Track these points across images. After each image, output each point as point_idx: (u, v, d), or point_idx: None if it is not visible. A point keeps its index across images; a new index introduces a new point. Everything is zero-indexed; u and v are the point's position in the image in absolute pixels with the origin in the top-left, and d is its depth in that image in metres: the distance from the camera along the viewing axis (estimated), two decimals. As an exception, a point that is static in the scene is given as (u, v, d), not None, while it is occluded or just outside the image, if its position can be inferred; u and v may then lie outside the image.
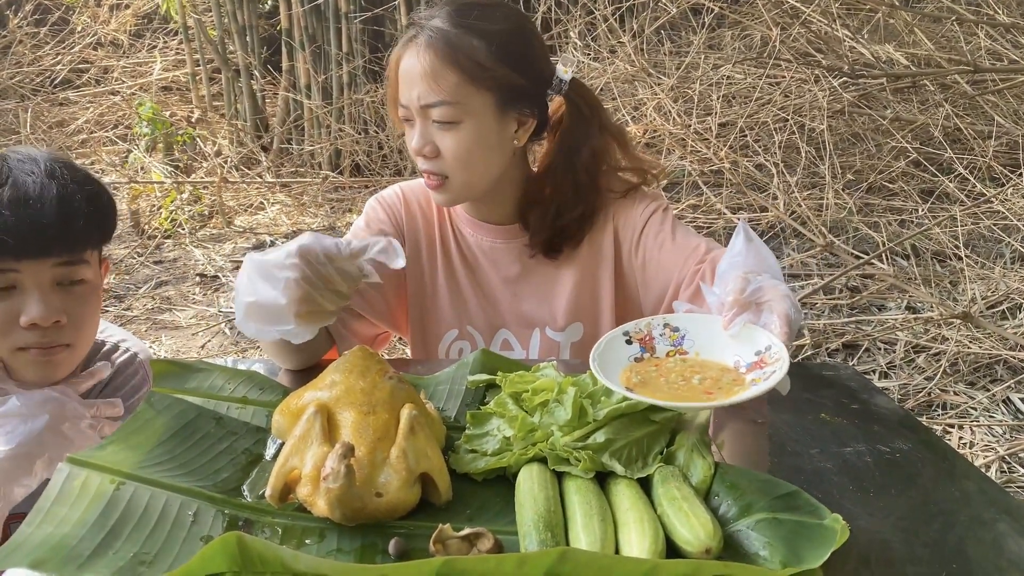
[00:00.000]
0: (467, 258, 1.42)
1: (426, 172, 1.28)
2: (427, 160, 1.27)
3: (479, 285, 1.42)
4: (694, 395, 0.87)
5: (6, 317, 1.10)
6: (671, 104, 3.98)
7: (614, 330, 0.91)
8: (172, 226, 4.17)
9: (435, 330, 1.43)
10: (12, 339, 1.11)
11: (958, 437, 2.42)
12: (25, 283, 1.10)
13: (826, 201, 3.60)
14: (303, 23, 4.71)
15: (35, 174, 1.10)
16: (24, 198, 1.08)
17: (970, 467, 1.00)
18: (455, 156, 1.25)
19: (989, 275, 3.20)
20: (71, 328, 1.14)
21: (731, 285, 0.95)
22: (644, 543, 0.72)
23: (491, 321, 1.42)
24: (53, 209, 1.09)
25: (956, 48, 4.23)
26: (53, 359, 1.14)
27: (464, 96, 1.23)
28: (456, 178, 1.28)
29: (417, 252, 1.42)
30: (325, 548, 0.77)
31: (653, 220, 1.36)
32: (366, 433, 0.83)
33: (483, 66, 1.23)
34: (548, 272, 1.41)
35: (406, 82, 1.24)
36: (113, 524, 0.74)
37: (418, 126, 1.25)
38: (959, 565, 0.78)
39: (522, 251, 1.40)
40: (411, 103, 1.24)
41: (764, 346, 0.88)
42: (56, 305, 1.11)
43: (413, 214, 1.43)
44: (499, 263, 1.41)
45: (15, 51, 5.66)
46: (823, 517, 0.76)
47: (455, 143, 1.24)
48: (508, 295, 1.41)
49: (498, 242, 1.40)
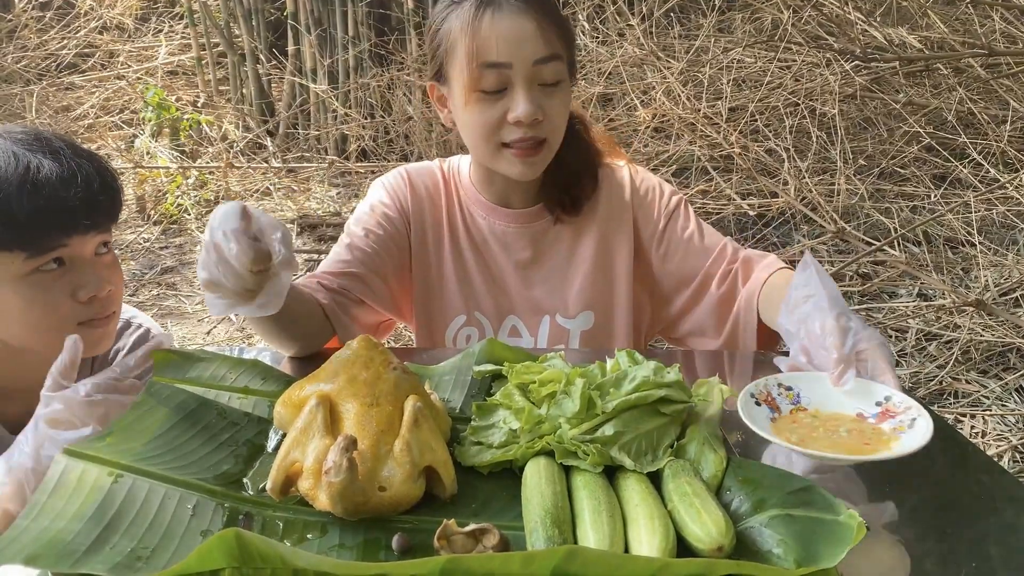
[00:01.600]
0: (476, 242, 1.40)
1: (526, 140, 1.23)
2: (534, 126, 1.23)
3: (488, 270, 1.41)
4: (856, 447, 0.86)
5: (63, 295, 1.10)
6: (680, 88, 3.94)
7: (742, 394, 0.91)
8: (178, 211, 4.16)
9: (441, 316, 1.41)
10: (73, 316, 1.11)
11: (970, 426, 2.39)
12: (72, 258, 1.11)
13: (837, 187, 3.56)
14: (309, 7, 4.67)
15: (62, 152, 1.10)
16: (71, 177, 1.08)
17: (983, 456, 0.98)
18: (560, 117, 1.26)
19: (1002, 262, 3.16)
20: (115, 294, 1.17)
21: (830, 339, 0.96)
22: (654, 541, 0.70)
23: (500, 307, 1.40)
24: (99, 184, 1.11)
25: (970, 31, 4.16)
26: (108, 328, 1.16)
27: (564, 53, 1.24)
28: (553, 142, 1.28)
29: (423, 236, 1.40)
30: (327, 543, 0.75)
31: (679, 214, 1.38)
32: (369, 425, 0.81)
33: (567, 27, 1.26)
34: (562, 257, 1.39)
35: (511, 40, 1.19)
36: (110, 518, 0.73)
37: (522, 90, 1.21)
38: (978, 563, 0.75)
39: (536, 235, 1.39)
40: (520, 62, 1.19)
41: (883, 396, 0.92)
42: (103, 275, 1.13)
43: (419, 197, 1.40)
44: (511, 247, 1.39)
45: (20, 35, 5.63)
46: (839, 513, 0.74)
47: (561, 102, 1.25)
48: (518, 280, 1.40)
49: (512, 226, 1.39)
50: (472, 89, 1.21)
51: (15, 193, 1.05)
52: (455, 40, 1.22)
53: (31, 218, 1.05)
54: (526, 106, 1.20)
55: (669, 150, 3.86)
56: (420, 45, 4.76)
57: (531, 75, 1.21)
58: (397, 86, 4.66)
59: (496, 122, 1.23)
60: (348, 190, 4.50)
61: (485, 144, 1.26)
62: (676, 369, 0.91)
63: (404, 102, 4.64)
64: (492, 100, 1.22)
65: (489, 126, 1.23)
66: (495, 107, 1.22)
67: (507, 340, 1.37)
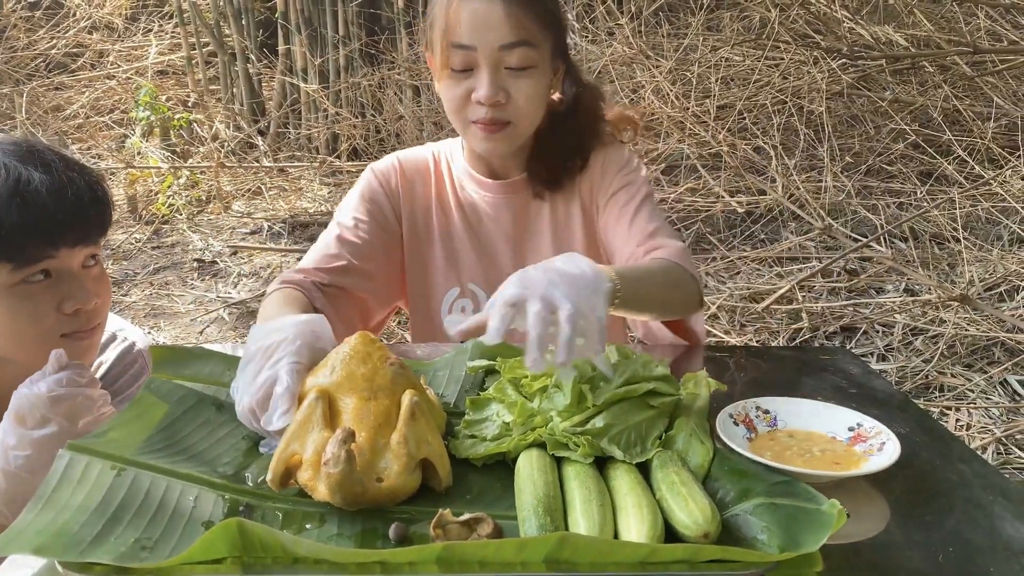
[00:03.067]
0: (468, 215, 1.42)
1: (489, 120, 1.26)
2: (496, 108, 1.25)
3: (479, 242, 1.42)
4: (826, 466, 0.89)
5: (49, 307, 1.11)
6: (669, 87, 3.97)
7: (721, 414, 0.94)
8: (169, 211, 4.17)
9: (435, 291, 1.43)
10: (57, 328, 1.12)
11: (955, 419, 2.43)
12: (59, 270, 1.11)
13: (825, 184, 3.59)
14: (299, 6, 4.67)
15: (53, 164, 1.11)
16: (61, 189, 1.09)
17: (966, 449, 1.01)
18: (527, 101, 1.26)
19: (987, 257, 3.20)
20: (101, 307, 1.17)
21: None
22: (643, 528, 0.73)
23: (493, 278, 1.40)
24: (89, 198, 1.12)
25: (956, 29, 4.21)
26: (92, 340, 1.17)
27: (539, 40, 1.25)
28: (520, 125, 1.29)
29: (413, 220, 1.42)
30: (326, 533, 0.77)
31: (626, 191, 1.36)
32: (367, 419, 0.83)
33: (550, 10, 1.27)
34: (548, 230, 1.41)
35: (477, 24, 1.22)
36: (114, 510, 0.75)
37: (486, 73, 1.23)
38: (956, 549, 0.78)
39: (519, 207, 1.40)
40: (484, 46, 1.22)
41: (855, 422, 0.96)
42: (91, 287, 1.14)
43: (410, 182, 1.43)
44: (500, 219, 1.41)
45: (9, 35, 5.61)
46: (821, 503, 0.77)
47: (529, 88, 1.26)
48: (509, 251, 1.42)
49: (498, 196, 1.41)
50: (443, 66, 1.26)
51: (4, 205, 1.05)
52: (435, 16, 1.26)
53: (19, 230, 1.06)
54: (487, 89, 1.23)
55: (658, 148, 3.89)
56: (411, 45, 4.77)
57: (496, 59, 1.23)
58: (388, 85, 4.67)
59: (462, 99, 1.26)
60: (339, 189, 4.51)
61: (456, 118, 1.30)
62: (664, 363, 0.94)
63: (395, 101, 4.65)
64: (460, 78, 1.25)
65: (457, 102, 1.27)
66: (461, 85, 1.26)
67: None
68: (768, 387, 1.14)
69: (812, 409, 0.98)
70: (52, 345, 1.11)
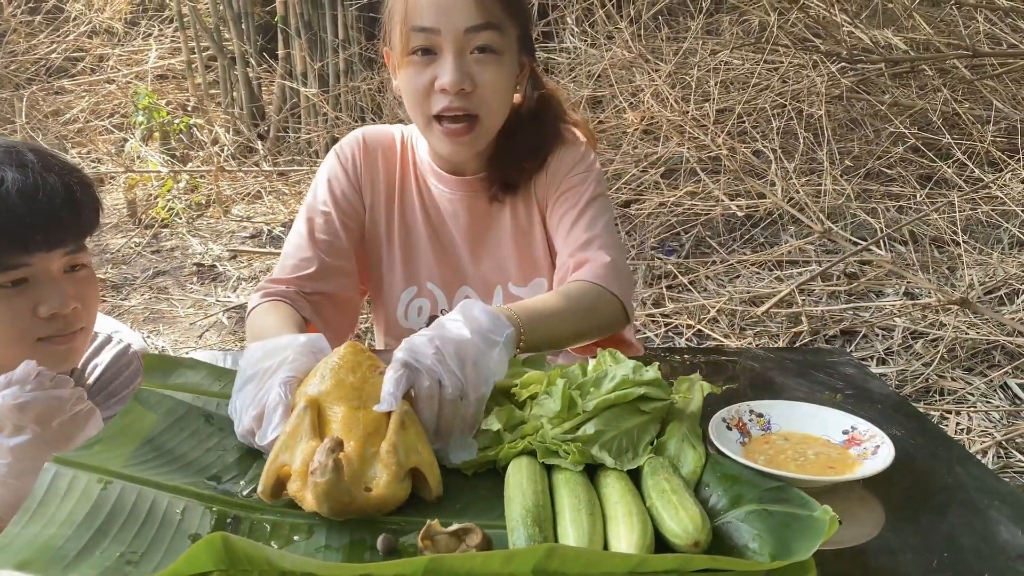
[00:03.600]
0: (428, 211, 1.37)
1: (455, 111, 1.20)
2: (461, 96, 1.18)
3: (439, 240, 1.37)
4: (820, 470, 0.89)
5: (23, 310, 1.10)
6: (669, 90, 3.96)
7: (714, 418, 0.94)
8: (169, 215, 4.16)
9: (392, 289, 1.38)
10: (33, 331, 1.11)
11: (955, 423, 2.42)
12: (37, 275, 1.10)
13: (824, 187, 3.58)
14: (299, 10, 4.68)
15: (30, 166, 1.09)
16: (32, 191, 1.07)
17: (965, 453, 1.00)
18: (493, 91, 1.20)
19: (987, 261, 3.19)
20: (84, 311, 1.16)
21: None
22: (632, 537, 0.72)
23: (451, 278, 1.37)
24: (62, 200, 1.10)
25: (955, 32, 4.20)
26: (73, 344, 1.16)
27: (505, 25, 1.20)
28: (487, 119, 1.23)
29: (376, 203, 1.37)
30: (313, 544, 0.76)
31: (573, 192, 1.31)
32: (356, 428, 0.83)
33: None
34: (499, 220, 1.36)
35: (440, 6, 1.16)
36: (100, 523, 0.74)
37: (451, 58, 1.17)
38: (951, 553, 0.78)
39: (477, 205, 1.35)
40: (449, 28, 1.16)
41: (849, 426, 0.95)
42: (70, 292, 1.13)
43: (373, 160, 1.37)
44: (459, 217, 1.36)
45: (9, 40, 5.62)
46: (813, 509, 0.76)
47: (496, 76, 1.20)
48: (467, 250, 1.36)
49: (458, 194, 1.35)
50: (403, 53, 1.19)
51: None
52: (395, 5, 1.21)
53: None
54: (452, 74, 1.16)
55: (658, 152, 3.88)
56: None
57: (461, 43, 1.17)
58: (387, 89, 4.67)
59: (425, 88, 1.19)
60: (339, 193, 4.51)
61: (417, 113, 1.23)
62: (655, 367, 0.93)
63: (395, 105, 4.65)
64: (422, 66, 1.19)
65: (419, 92, 1.20)
66: (424, 73, 1.19)
67: None
68: (763, 390, 1.14)
69: (806, 412, 0.98)
70: (29, 349, 1.12)
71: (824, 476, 0.86)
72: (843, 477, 0.86)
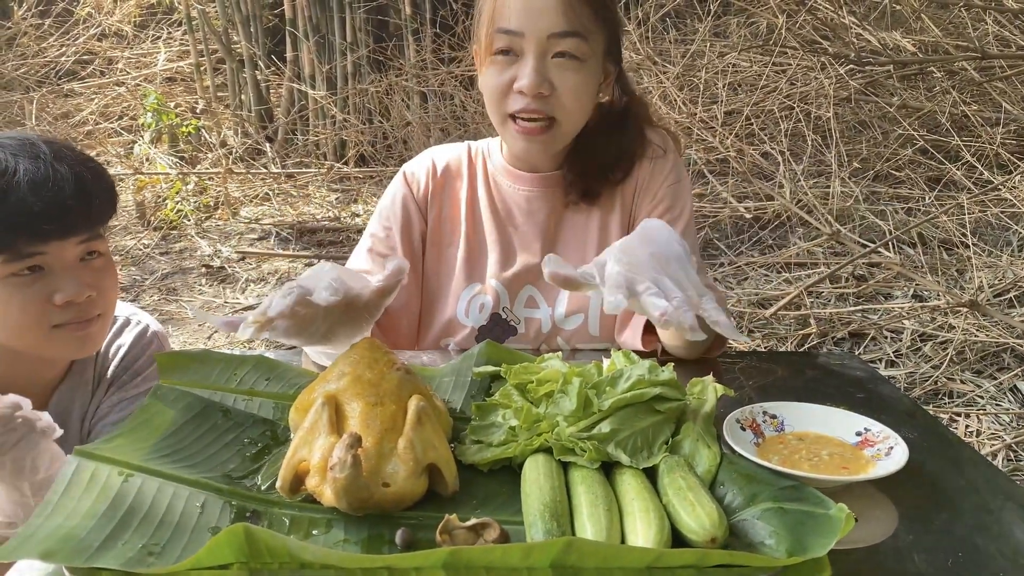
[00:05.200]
0: (498, 210, 1.39)
1: (531, 113, 1.22)
2: (539, 99, 1.21)
3: (508, 238, 1.38)
4: (834, 470, 0.89)
5: (39, 298, 1.12)
6: (676, 93, 3.97)
7: (728, 419, 0.94)
8: (178, 217, 4.18)
9: (452, 290, 1.40)
10: (48, 318, 1.13)
11: (965, 425, 2.41)
12: (52, 264, 1.13)
13: (832, 189, 3.58)
14: (307, 13, 4.70)
15: (42, 157, 1.11)
16: (43, 181, 1.10)
17: (976, 455, 1.00)
18: (573, 97, 1.22)
19: (996, 263, 3.19)
20: (100, 298, 1.18)
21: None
22: (650, 532, 0.73)
23: (518, 276, 1.37)
24: (72, 190, 1.12)
25: (963, 34, 4.20)
26: (90, 331, 1.18)
27: (592, 32, 1.21)
28: (566, 122, 1.24)
29: (441, 216, 1.40)
30: (332, 539, 0.77)
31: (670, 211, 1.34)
32: (374, 424, 0.83)
33: (608, 7, 1.23)
34: (580, 223, 1.37)
35: (527, 10, 1.18)
36: (122, 515, 0.75)
37: (532, 60, 1.19)
38: (965, 554, 0.78)
39: (559, 202, 1.37)
40: (533, 32, 1.18)
41: (863, 427, 0.95)
42: (85, 280, 1.15)
43: (440, 177, 1.40)
44: (536, 214, 1.37)
45: (20, 43, 5.66)
46: (829, 507, 0.76)
47: (576, 82, 1.21)
48: (540, 249, 1.37)
49: (536, 190, 1.36)
50: (487, 52, 1.22)
51: None
52: (484, 4, 1.23)
53: (2, 222, 1.07)
54: (531, 77, 1.18)
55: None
56: (418, 51, 4.78)
57: (544, 48, 1.19)
58: (395, 91, 4.68)
59: (503, 88, 1.22)
60: (347, 195, 4.53)
61: (495, 110, 1.25)
62: (670, 368, 0.94)
63: (402, 107, 4.66)
64: (503, 66, 1.21)
65: (498, 91, 1.22)
66: (504, 74, 1.21)
67: (522, 310, 1.35)
68: (775, 392, 1.14)
69: (819, 414, 0.98)
70: (45, 335, 1.14)
71: (838, 476, 0.87)
72: (857, 477, 0.86)
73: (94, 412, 1.29)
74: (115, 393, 1.30)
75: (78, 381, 1.29)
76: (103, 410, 1.28)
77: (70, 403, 1.28)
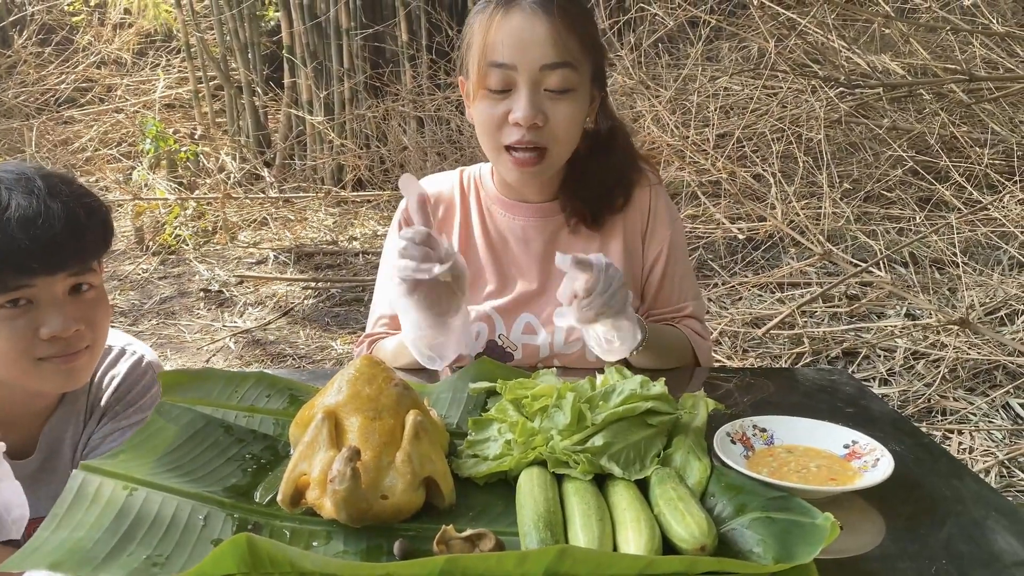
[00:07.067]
0: (492, 239, 1.40)
1: (525, 144, 1.24)
2: (533, 130, 1.22)
3: (503, 267, 1.40)
4: (822, 481, 0.91)
5: (25, 330, 1.12)
6: (669, 116, 4.02)
7: (718, 432, 0.96)
8: (176, 242, 4.21)
9: None
10: (33, 351, 1.13)
11: (958, 442, 2.43)
12: (40, 297, 1.12)
13: (824, 210, 3.62)
14: (304, 40, 4.76)
15: (35, 192, 1.11)
16: (33, 218, 1.09)
17: (960, 467, 1.02)
18: (565, 127, 1.24)
19: (987, 282, 3.22)
20: (88, 332, 1.17)
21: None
22: (641, 541, 0.75)
23: (512, 305, 1.39)
24: (62, 227, 1.11)
25: (952, 57, 4.26)
26: (76, 364, 1.17)
27: (580, 62, 1.23)
28: (555, 151, 1.27)
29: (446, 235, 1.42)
30: (332, 550, 0.79)
31: (676, 248, 1.41)
32: (372, 438, 0.86)
33: (592, 35, 1.26)
34: (579, 248, 1.38)
35: (519, 42, 1.20)
36: (127, 528, 0.77)
37: (525, 93, 1.21)
38: (949, 561, 0.80)
39: (555, 230, 1.39)
40: (525, 65, 1.20)
41: (850, 440, 0.98)
42: (73, 314, 1.14)
43: (435, 211, 1.42)
44: (531, 243, 1.39)
45: (20, 71, 5.72)
46: (815, 516, 0.79)
47: (568, 112, 1.23)
48: (536, 279, 1.39)
49: (531, 220, 1.38)
50: (479, 86, 1.24)
51: None
52: (473, 37, 1.26)
53: None
54: (525, 109, 1.20)
55: (659, 176, 3.93)
56: (414, 77, 4.84)
57: (536, 79, 1.21)
58: (392, 117, 4.74)
59: (498, 121, 1.24)
60: (344, 219, 4.56)
61: (489, 142, 1.28)
62: (661, 383, 0.96)
63: (399, 132, 4.71)
64: (497, 99, 1.23)
65: (491, 124, 1.24)
66: (498, 106, 1.23)
67: (520, 337, 1.36)
68: (766, 407, 1.15)
69: (808, 428, 1.00)
70: (31, 368, 1.14)
71: (826, 487, 0.89)
72: (844, 488, 0.89)
73: (86, 442, 1.28)
74: (108, 423, 1.29)
75: (70, 411, 1.28)
76: (95, 441, 1.27)
77: (62, 433, 1.27)
